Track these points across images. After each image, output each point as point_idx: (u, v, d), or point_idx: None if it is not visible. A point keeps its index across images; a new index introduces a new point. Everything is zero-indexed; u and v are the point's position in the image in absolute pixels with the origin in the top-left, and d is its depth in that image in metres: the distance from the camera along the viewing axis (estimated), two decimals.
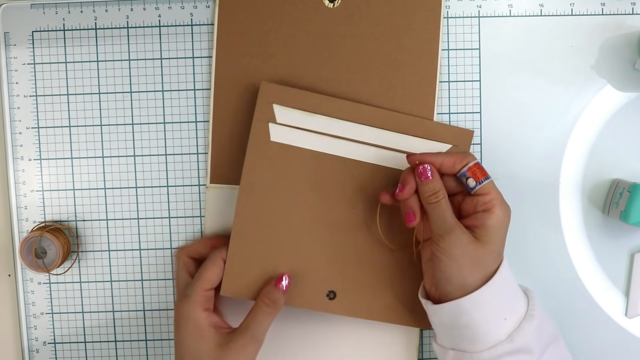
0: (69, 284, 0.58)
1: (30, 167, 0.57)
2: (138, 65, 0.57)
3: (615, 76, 0.56)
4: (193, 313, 0.48)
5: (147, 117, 0.57)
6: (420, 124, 0.53)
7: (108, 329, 0.59)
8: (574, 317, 0.58)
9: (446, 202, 0.48)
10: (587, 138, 0.57)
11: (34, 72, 0.57)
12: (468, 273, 0.46)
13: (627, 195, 0.53)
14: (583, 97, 0.56)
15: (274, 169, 0.52)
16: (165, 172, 0.57)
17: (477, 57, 0.56)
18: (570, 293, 0.57)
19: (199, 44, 0.56)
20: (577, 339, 0.58)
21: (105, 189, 0.57)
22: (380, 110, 0.53)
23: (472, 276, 0.46)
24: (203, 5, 0.56)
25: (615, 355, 0.58)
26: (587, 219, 0.57)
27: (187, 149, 0.57)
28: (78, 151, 0.57)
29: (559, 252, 0.57)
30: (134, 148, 0.57)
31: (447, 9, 0.56)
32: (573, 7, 0.56)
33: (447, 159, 0.48)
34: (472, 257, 0.46)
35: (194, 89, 0.57)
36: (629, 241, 0.57)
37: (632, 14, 0.56)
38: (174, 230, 0.58)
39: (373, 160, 0.53)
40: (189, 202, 0.57)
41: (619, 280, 0.57)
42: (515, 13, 0.56)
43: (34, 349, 0.59)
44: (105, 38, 0.56)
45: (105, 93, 0.57)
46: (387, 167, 0.53)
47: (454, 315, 0.47)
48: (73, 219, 0.58)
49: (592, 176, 0.57)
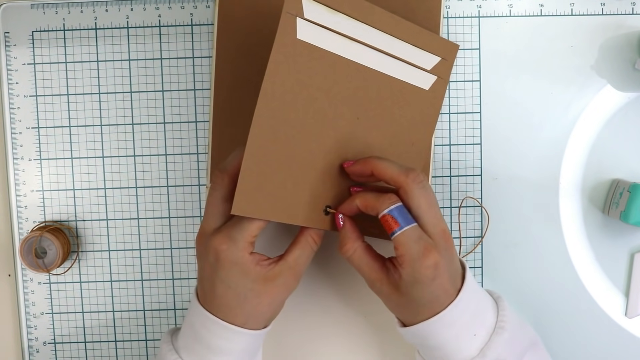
0: (69, 284, 0.58)
1: (30, 167, 0.57)
2: (138, 65, 0.57)
3: (615, 76, 0.56)
4: (241, 259, 0.45)
5: (147, 117, 0.57)
6: (418, 32, 0.51)
7: (108, 329, 0.59)
8: (574, 317, 0.58)
9: (359, 256, 0.46)
10: (587, 138, 0.57)
11: (34, 72, 0.57)
12: (407, 312, 0.46)
13: (627, 195, 0.53)
14: (583, 97, 0.56)
15: (297, 72, 0.47)
16: (165, 172, 0.57)
17: (477, 57, 0.56)
18: (570, 293, 0.57)
19: (199, 44, 0.56)
20: (577, 339, 0.58)
21: (105, 189, 0.57)
22: (388, 14, 0.50)
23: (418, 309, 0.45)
24: (203, 5, 0.56)
25: (615, 355, 0.58)
26: (587, 219, 0.57)
27: (187, 149, 0.57)
28: (78, 151, 0.57)
29: (559, 252, 0.57)
30: (134, 148, 0.57)
31: (447, 9, 0.56)
32: (573, 7, 0.56)
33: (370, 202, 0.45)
34: (397, 304, 0.46)
35: (194, 89, 0.57)
36: (629, 241, 0.57)
37: (632, 14, 0.56)
38: (174, 230, 0.58)
39: (374, 65, 0.50)
40: (189, 202, 0.57)
41: (619, 280, 0.57)
42: (515, 13, 0.56)
43: (34, 349, 0.59)
44: (105, 38, 0.56)
45: (105, 93, 0.57)
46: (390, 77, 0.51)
47: (422, 337, 0.46)
48: (73, 219, 0.58)
49: (592, 176, 0.57)
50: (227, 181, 0.46)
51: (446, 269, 0.44)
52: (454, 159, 0.57)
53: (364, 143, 0.50)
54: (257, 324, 0.47)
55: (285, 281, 0.46)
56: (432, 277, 0.43)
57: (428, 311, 0.45)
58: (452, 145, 0.57)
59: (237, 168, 0.45)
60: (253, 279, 0.45)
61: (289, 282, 0.47)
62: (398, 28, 0.50)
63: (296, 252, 0.47)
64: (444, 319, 0.44)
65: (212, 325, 0.46)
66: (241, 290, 0.45)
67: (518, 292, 0.57)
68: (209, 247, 0.45)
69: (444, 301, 0.45)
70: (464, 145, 0.57)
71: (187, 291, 0.58)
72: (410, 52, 0.51)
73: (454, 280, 0.45)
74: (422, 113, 0.53)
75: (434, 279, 0.43)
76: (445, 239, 0.45)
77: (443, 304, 0.45)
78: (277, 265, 0.46)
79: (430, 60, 0.52)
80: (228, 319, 0.45)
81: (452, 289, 0.45)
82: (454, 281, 0.45)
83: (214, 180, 0.46)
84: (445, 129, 0.57)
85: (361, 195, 0.46)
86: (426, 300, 0.44)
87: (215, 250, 0.45)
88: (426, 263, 0.43)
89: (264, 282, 0.45)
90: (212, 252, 0.45)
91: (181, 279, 0.58)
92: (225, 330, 0.46)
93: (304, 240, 0.48)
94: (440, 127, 0.57)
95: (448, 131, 0.57)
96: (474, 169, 0.57)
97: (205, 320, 0.46)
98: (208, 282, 0.46)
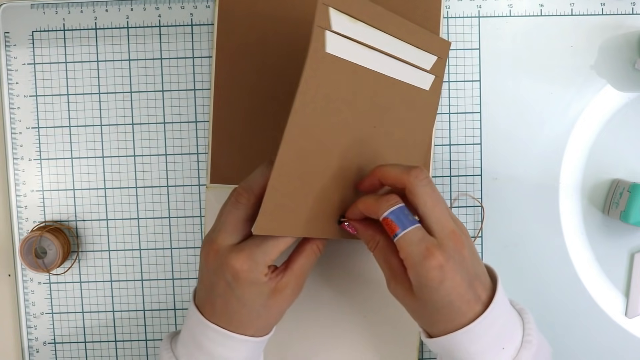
0: (69, 284, 0.58)
1: (30, 167, 0.57)
2: (138, 65, 0.57)
3: (615, 76, 0.56)
4: (260, 280, 0.44)
5: (147, 117, 0.57)
6: (415, 31, 0.50)
7: (108, 329, 0.59)
8: (574, 317, 0.58)
9: (378, 252, 0.45)
10: (587, 138, 0.57)
11: (34, 72, 0.57)
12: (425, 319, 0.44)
13: (627, 195, 0.53)
14: (583, 97, 0.56)
15: (325, 86, 0.45)
16: (165, 172, 0.57)
17: (477, 57, 0.56)
18: (570, 293, 0.57)
19: (199, 44, 0.56)
20: (577, 339, 0.58)
21: (105, 189, 0.57)
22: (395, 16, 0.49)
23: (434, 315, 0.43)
24: (203, 5, 0.56)
25: (615, 355, 0.58)
26: (587, 219, 0.57)
27: (187, 149, 0.57)
28: (78, 151, 0.57)
29: (559, 252, 0.57)
30: (134, 148, 0.57)
31: (447, 9, 0.56)
32: (573, 7, 0.56)
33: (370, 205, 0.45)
34: (413, 309, 0.45)
35: (194, 89, 0.57)
36: (629, 241, 0.57)
37: (632, 14, 0.56)
38: (174, 230, 0.58)
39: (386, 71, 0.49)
40: (189, 202, 0.57)
41: (619, 280, 0.57)
42: (515, 13, 0.56)
43: (34, 349, 0.59)
44: (105, 38, 0.57)
45: (105, 93, 0.57)
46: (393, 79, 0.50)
47: (449, 349, 0.44)
48: (73, 219, 0.58)
49: (592, 176, 0.57)
50: (252, 201, 0.45)
51: (456, 271, 0.42)
52: (453, 159, 0.57)
53: (374, 150, 0.50)
54: (263, 333, 0.47)
55: (292, 291, 0.47)
56: (438, 279, 0.41)
57: (446, 318, 0.43)
58: (452, 145, 0.57)
59: (263, 187, 0.43)
60: (267, 295, 0.45)
61: (295, 291, 0.47)
62: (400, 28, 0.50)
63: (301, 260, 0.47)
64: (472, 332, 0.43)
65: (215, 334, 0.46)
66: (255, 307, 0.45)
67: (518, 292, 0.57)
68: (227, 265, 0.44)
69: (464, 309, 0.43)
70: (463, 145, 0.57)
71: (187, 291, 0.58)
72: (410, 52, 0.51)
73: (472, 285, 0.43)
74: (423, 113, 0.53)
75: (441, 282, 0.42)
76: (455, 239, 0.42)
77: (464, 312, 0.43)
78: (285, 276, 0.46)
79: (429, 60, 0.52)
80: (239, 331, 0.46)
81: (470, 294, 0.43)
82: (473, 286, 0.43)
83: (238, 199, 0.45)
84: (445, 128, 0.57)
85: (363, 200, 0.46)
86: (440, 305, 0.42)
87: (234, 270, 0.44)
88: (428, 265, 0.41)
89: (274, 295, 0.46)
90: (231, 270, 0.44)
91: (181, 279, 0.58)
92: (229, 339, 0.45)
93: (309, 249, 0.47)
94: (440, 127, 0.57)
95: (448, 131, 0.57)
96: (473, 169, 0.57)
97: (207, 330, 0.46)
98: (221, 298, 0.45)
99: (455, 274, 0.42)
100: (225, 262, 0.44)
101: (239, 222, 0.45)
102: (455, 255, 0.42)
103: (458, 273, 0.42)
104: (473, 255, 0.44)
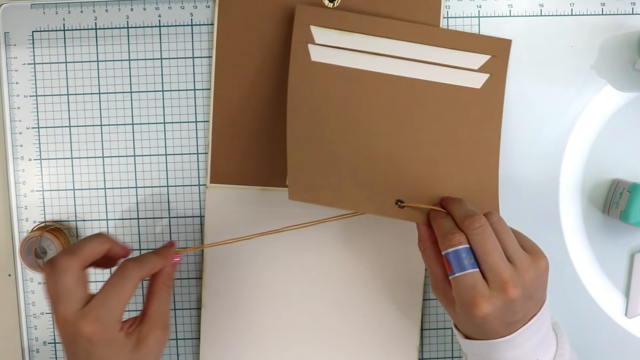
0: None
1: (30, 167, 0.57)
2: (138, 65, 0.57)
3: (615, 76, 0.56)
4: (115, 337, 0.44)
5: (147, 117, 0.57)
6: (457, 36, 0.54)
7: None
8: (574, 317, 0.58)
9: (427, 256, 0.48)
10: (587, 138, 0.57)
11: (34, 72, 0.57)
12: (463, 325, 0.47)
13: (627, 195, 0.53)
14: (583, 97, 0.56)
15: (319, 87, 0.53)
16: (165, 172, 0.57)
17: None
18: (570, 293, 0.57)
19: (199, 44, 0.56)
20: (577, 339, 0.58)
21: (105, 189, 0.57)
22: (417, 26, 0.54)
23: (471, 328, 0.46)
24: (203, 5, 0.56)
25: (615, 355, 0.58)
26: (587, 219, 0.57)
27: (187, 149, 0.57)
28: (78, 151, 0.57)
29: (559, 252, 0.57)
30: (134, 148, 0.57)
31: (447, 9, 0.56)
32: (573, 7, 0.56)
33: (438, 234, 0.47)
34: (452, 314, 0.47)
35: (194, 89, 0.57)
36: (629, 241, 0.57)
37: (632, 14, 0.56)
38: (174, 230, 0.58)
39: (407, 73, 0.54)
40: (189, 202, 0.57)
41: (619, 280, 0.57)
42: (515, 13, 0.56)
43: (34, 349, 0.59)
44: (105, 38, 0.57)
45: (105, 93, 0.57)
46: (431, 82, 0.54)
47: (486, 351, 0.45)
48: (73, 219, 0.58)
49: (592, 176, 0.57)
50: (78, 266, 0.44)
51: (499, 320, 0.43)
52: None
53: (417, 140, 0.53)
54: None
55: (157, 336, 0.45)
56: (479, 323, 0.43)
57: (482, 334, 0.45)
58: None
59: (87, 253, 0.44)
60: (130, 349, 0.44)
61: (159, 336, 0.46)
62: (434, 37, 0.54)
63: (155, 302, 0.47)
64: (515, 340, 0.44)
65: None
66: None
67: None
68: (79, 333, 0.43)
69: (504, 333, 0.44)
70: None
71: (187, 291, 0.58)
72: (451, 56, 0.53)
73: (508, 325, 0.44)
74: (480, 111, 0.54)
75: (481, 325, 0.44)
76: (506, 291, 0.43)
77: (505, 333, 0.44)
78: (144, 325, 0.45)
79: (477, 60, 0.54)
80: None
81: (505, 331, 0.44)
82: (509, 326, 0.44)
83: (60, 266, 0.43)
84: None
85: (439, 222, 0.47)
86: (477, 329, 0.45)
87: (86, 335, 0.43)
88: (472, 312, 0.43)
89: (138, 347, 0.44)
90: (83, 337, 0.43)
91: (181, 279, 0.58)
92: None
93: (158, 288, 0.47)
94: None
95: None
96: None
97: None
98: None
99: (495, 321, 0.43)
100: (75, 330, 0.43)
101: (72, 286, 0.44)
102: (503, 306, 0.43)
103: (499, 319, 0.43)
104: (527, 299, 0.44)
